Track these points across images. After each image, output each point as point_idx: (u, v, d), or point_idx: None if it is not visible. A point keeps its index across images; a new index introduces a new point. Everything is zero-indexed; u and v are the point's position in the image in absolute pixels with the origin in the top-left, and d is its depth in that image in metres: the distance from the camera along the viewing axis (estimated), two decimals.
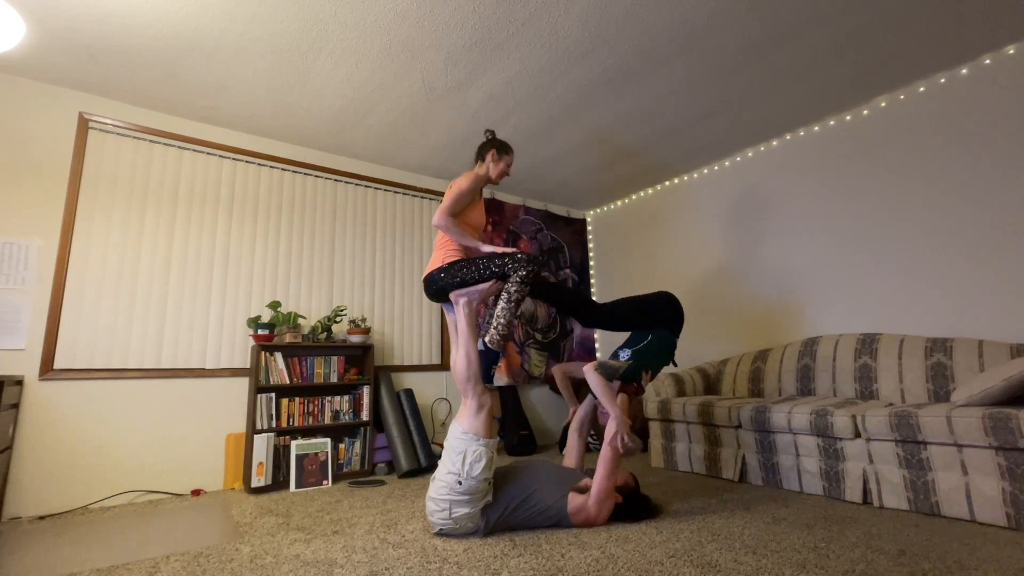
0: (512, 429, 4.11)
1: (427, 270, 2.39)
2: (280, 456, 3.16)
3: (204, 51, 2.67)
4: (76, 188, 2.94)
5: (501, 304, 2.19)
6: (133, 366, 2.99)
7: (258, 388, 3.15)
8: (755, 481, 2.88)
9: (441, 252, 2.37)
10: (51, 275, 2.82)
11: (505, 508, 2.08)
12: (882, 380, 2.91)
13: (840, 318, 3.35)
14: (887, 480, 2.37)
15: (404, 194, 4.24)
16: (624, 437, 2.17)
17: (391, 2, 2.34)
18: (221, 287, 3.33)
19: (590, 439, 4.17)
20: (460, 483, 1.98)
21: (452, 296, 2.26)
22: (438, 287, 2.31)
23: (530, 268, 2.19)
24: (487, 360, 2.20)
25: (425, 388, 4.04)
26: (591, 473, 2.33)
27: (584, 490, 2.18)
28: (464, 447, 2.03)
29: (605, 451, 2.16)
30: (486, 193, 4.69)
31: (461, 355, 2.14)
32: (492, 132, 2.57)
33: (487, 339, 2.20)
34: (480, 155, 2.53)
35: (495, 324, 2.19)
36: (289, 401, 3.27)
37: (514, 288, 2.18)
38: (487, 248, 2.30)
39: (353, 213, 3.95)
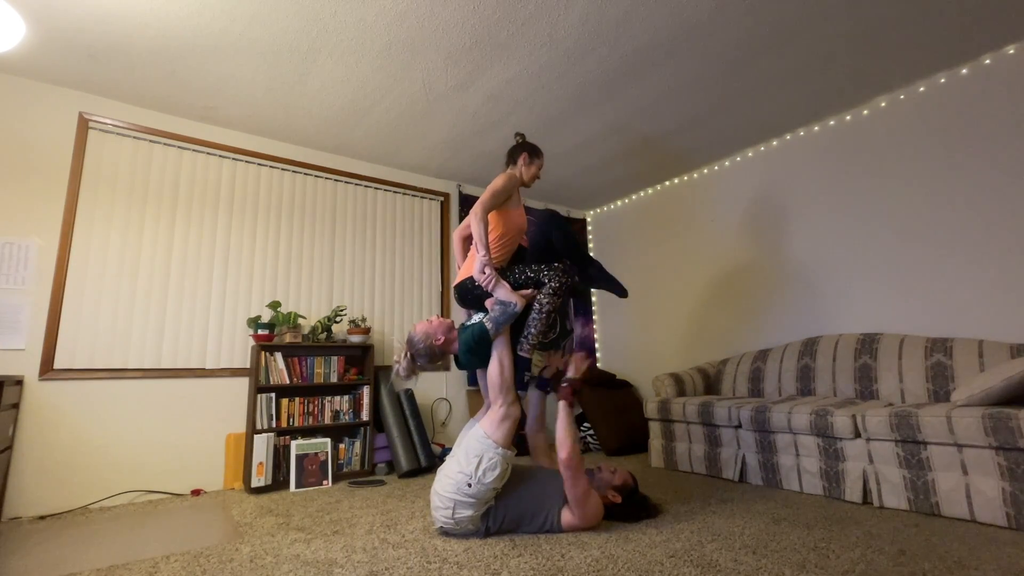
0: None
1: (460, 277, 2.39)
2: (280, 456, 3.16)
3: (204, 51, 2.67)
4: (76, 188, 2.94)
5: (532, 314, 2.19)
6: (133, 366, 2.99)
7: (258, 388, 3.15)
8: (755, 481, 2.88)
9: (473, 261, 2.36)
10: (51, 275, 2.82)
11: (503, 518, 2.08)
12: (882, 380, 2.91)
13: (840, 318, 3.35)
14: (887, 480, 2.37)
15: (404, 194, 4.24)
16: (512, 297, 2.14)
17: (391, 2, 2.34)
18: (221, 287, 3.33)
19: (590, 438, 4.17)
20: (469, 485, 1.98)
21: (488, 304, 2.27)
22: (473, 296, 2.31)
23: (564, 279, 2.19)
24: (519, 368, 2.19)
25: (425, 388, 4.04)
26: (590, 473, 2.32)
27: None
28: (482, 451, 2.01)
29: (564, 463, 2.05)
30: None
31: (494, 362, 2.14)
32: (522, 135, 2.57)
33: (519, 349, 2.21)
34: (511, 158, 2.53)
35: (526, 333, 2.19)
36: (289, 401, 3.27)
37: (546, 299, 2.18)
38: (479, 260, 2.22)
39: (353, 213, 3.95)
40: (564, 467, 2.03)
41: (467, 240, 2.62)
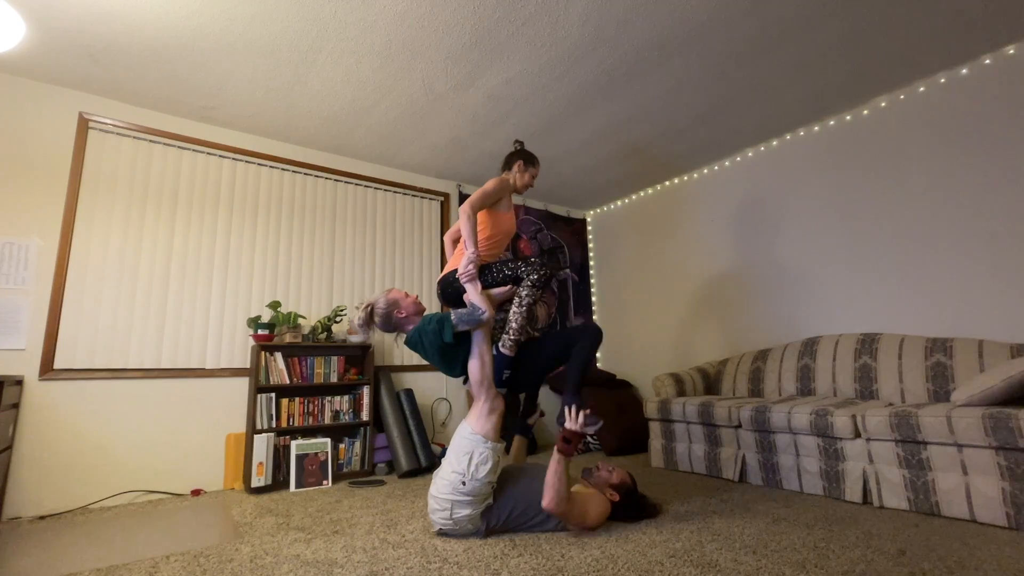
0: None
1: (444, 271, 2.42)
2: (280, 456, 3.16)
3: (204, 51, 2.67)
4: (76, 188, 2.94)
5: (513, 309, 2.21)
6: (133, 366, 2.99)
7: (258, 388, 3.14)
8: (755, 481, 2.88)
9: (459, 257, 2.38)
10: (51, 275, 2.82)
11: (507, 515, 2.08)
12: (882, 380, 2.91)
13: (840, 318, 3.35)
14: (887, 480, 2.37)
15: (404, 194, 4.24)
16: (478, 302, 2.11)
17: (391, 2, 2.34)
18: (221, 287, 3.33)
19: (591, 439, 4.17)
20: (464, 484, 1.98)
21: (467, 299, 2.27)
22: (453, 290, 2.33)
23: (542, 272, 2.21)
24: (499, 364, 2.20)
25: (425, 388, 4.04)
26: (588, 472, 2.33)
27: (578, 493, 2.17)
28: (471, 448, 2.03)
29: (545, 509, 2.01)
30: None
31: (475, 358, 2.14)
32: (521, 143, 2.60)
33: (500, 344, 2.22)
34: (507, 164, 2.56)
35: (507, 329, 2.20)
36: (289, 401, 3.27)
37: (525, 293, 2.19)
38: (467, 255, 2.24)
39: (353, 213, 3.95)
40: (547, 512, 2.01)
41: (457, 243, 2.65)
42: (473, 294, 2.17)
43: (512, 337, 2.19)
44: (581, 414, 2.05)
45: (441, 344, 2.12)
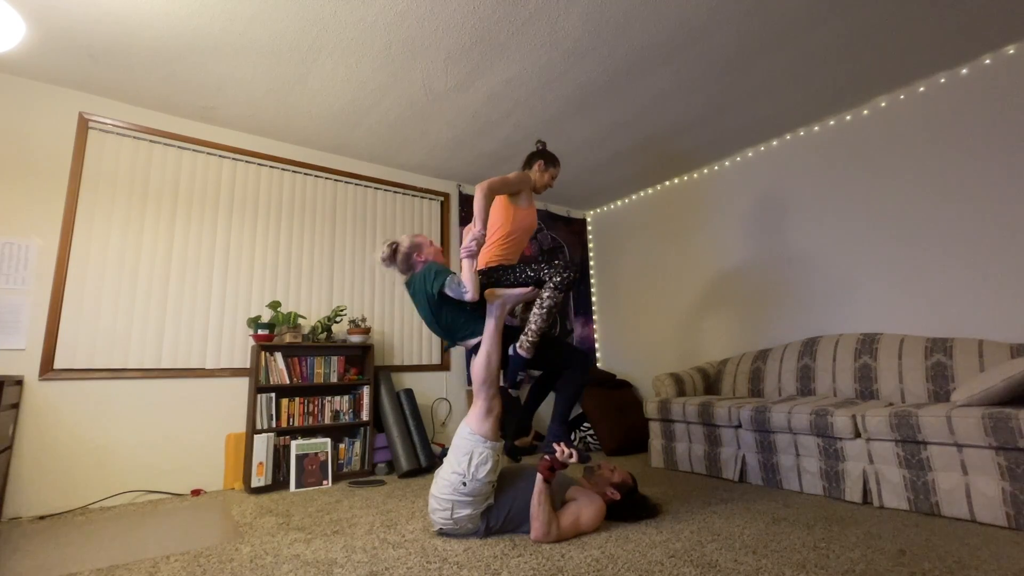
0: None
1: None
2: (280, 456, 3.16)
3: (204, 51, 2.67)
4: (76, 188, 2.94)
5: (534, 311, 2.20)
6: (133, 366, 2.99)
7: (258, 388, 3.14)
8: (755, 481, 2.88)
9: (482, 255, 2.39)
10: (51, 275, 2.82)
11: (505, 515, 2.08)
12: (882, 380, 2.91)
13: (840, 318, 3.35)
14: (887, 480, 2.37)
15: (404, 194, 4.24)
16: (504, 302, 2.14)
17: (391, 2, 2.34)
18: (221, 287, 3.33)
19: (590, 438, 4.17)
20: (465, 484, 1.98)
21: (487, 295, 2.27)
22: (484, 283, 2.33)
23: (565, 275, 2.20)
24: (515, 365, 2.19)
25: (425, 388, 4.04)
26: (589, 471, 2.33)
27: (571, 499, 2.17)
28: (471, 448, 2.03)
29: (534, 540, 2.01)
30: None
31: (482, 356, 2.14)
32: (543, 143, 2.60)
33: (517, 345, 2.21)
34: (528, 164, 2.56)
35: (526, 330, 2.20)
36: (289, 401, 3.27)
37: (547, 295, 2.19)
38: (472, 232, 2.23)
39: (353, 213, 3.95)
40: (537, 541, 2.00)
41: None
42: (466, 272, 2.13)
43: (531, 339, 2.18)
44: (574, 451, 2.05)
45: (428, 292, 2.19)
